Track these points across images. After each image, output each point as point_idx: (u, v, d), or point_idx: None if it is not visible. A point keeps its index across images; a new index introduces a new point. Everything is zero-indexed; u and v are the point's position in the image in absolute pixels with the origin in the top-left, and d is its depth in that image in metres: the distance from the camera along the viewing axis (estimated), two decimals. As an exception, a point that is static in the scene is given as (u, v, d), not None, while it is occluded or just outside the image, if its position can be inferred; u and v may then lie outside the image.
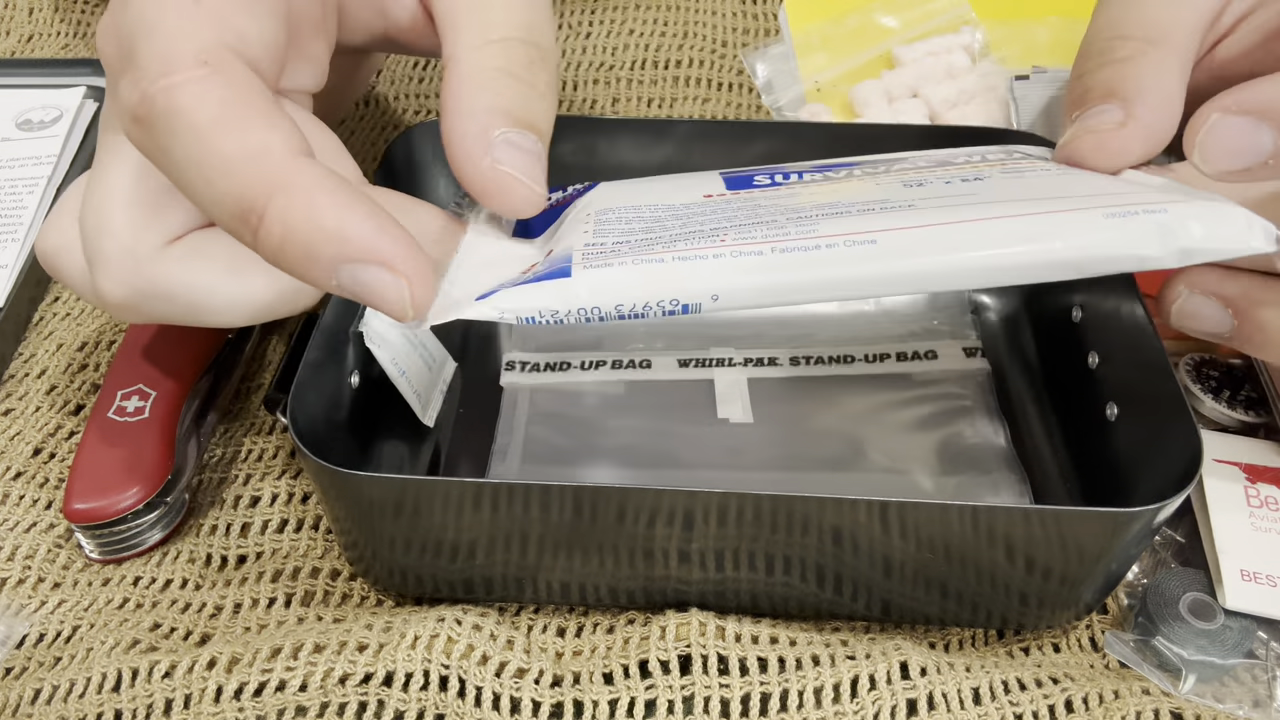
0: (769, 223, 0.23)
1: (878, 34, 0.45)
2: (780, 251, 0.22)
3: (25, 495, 0.34)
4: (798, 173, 0.29)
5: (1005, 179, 0.26)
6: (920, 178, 0.26)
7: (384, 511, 0.27)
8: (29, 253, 0.40)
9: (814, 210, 0.24)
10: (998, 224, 0.22)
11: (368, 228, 0.21)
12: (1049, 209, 0.22)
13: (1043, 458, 0.34)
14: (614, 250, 0.23)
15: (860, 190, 0.26)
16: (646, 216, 0.26)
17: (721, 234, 0.23)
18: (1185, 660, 0.29)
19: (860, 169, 0.29)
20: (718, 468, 0.33)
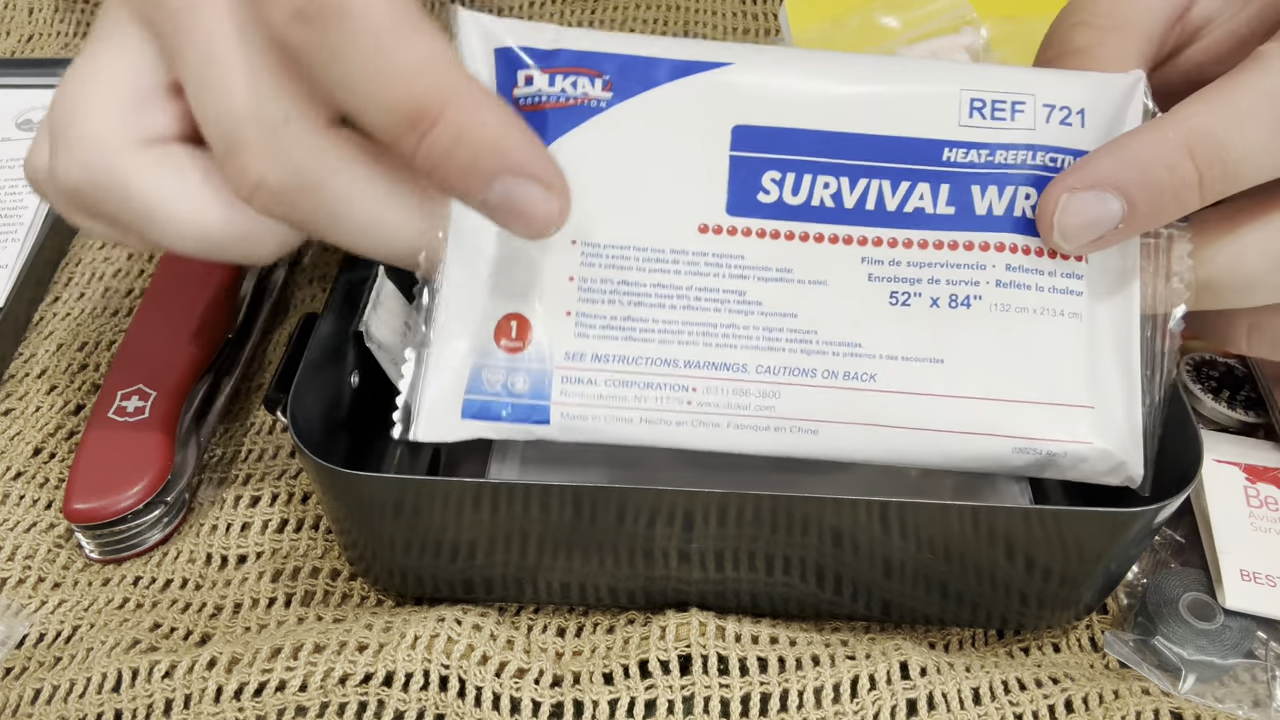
0: (738, 373, 0.26)
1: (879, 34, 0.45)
2: (736, 428, 0.26)
3: (25, 495, 0.34)
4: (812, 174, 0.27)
5: (987, 321, 0.26)
6: (913, 279, 0.26)
7: (384, 511, 0.27)
8: (29, 253, 0.40)
9: (787, 346, 0.26)
10: (921, 437, 0.26)
11: (528, 144, 0.23)
12: (975, 428, 0.26)
13: (1043, 458, 0.34)
14: (589, 381, 0.26)
15: (845, 302, 0.26)
16: (632, 287, 0.26)
17: (690, 388, 0.26)
18: (1185, 660, 0.29)
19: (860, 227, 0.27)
20: (718, 468, 0.33)
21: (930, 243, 0.26)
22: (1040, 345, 0.26)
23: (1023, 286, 0.26)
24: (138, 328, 0.35)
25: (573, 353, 0.26)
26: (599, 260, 0.26)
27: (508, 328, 0.26)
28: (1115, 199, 0.24)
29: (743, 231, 0.26)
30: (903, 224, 0.26)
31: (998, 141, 0.26)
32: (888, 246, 0.26)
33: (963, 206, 0.26)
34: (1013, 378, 0.26)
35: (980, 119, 0.26)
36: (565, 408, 0.26)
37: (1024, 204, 0.26)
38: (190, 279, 0.37)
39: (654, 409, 0.26)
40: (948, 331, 0.26)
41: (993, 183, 0.26)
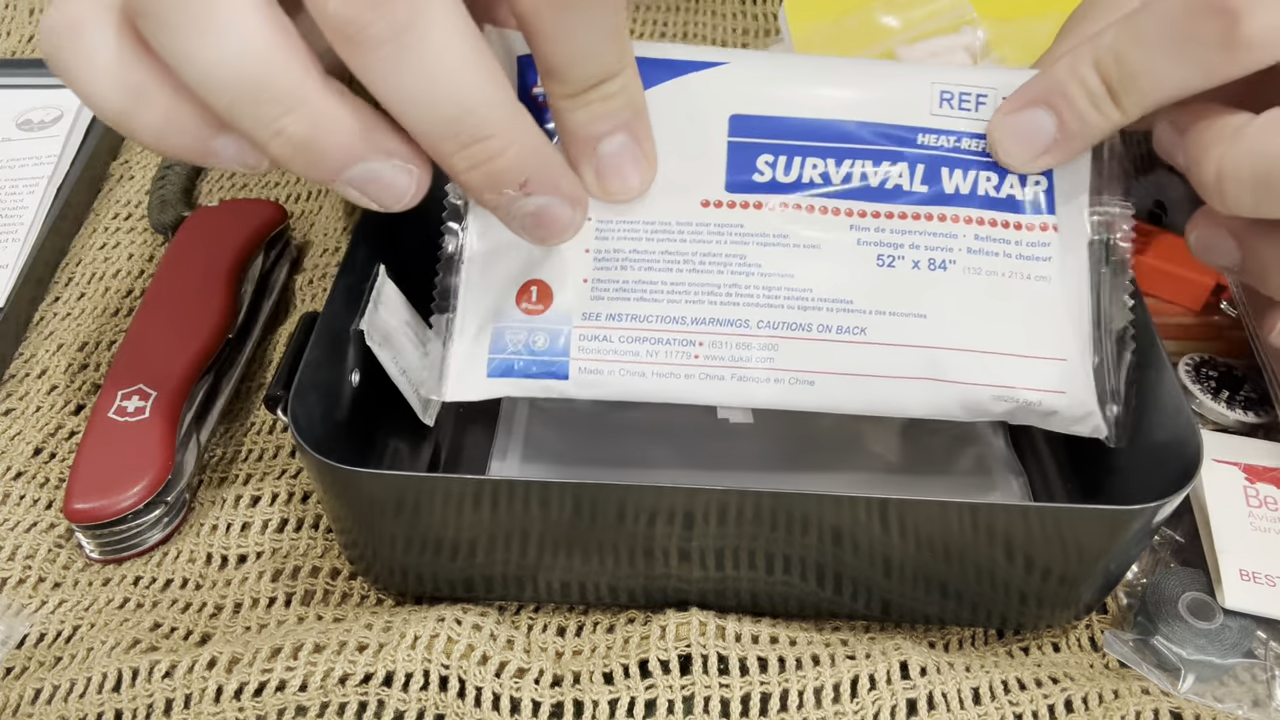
0: (741, 327, 0.28)
1: (879, 34, 0.45)
2: (739, 379, 0.28)
3: (25, 495, 0.34)
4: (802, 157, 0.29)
5: (962, 282, 0.28)
6: (896, 243, 0.28)
7: (384, 509, 0.27)
8: (29, 253, 0.40)
9: (784, 304, 0.28)
10: (908, 385, 0.28)
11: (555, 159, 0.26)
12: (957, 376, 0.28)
13: (1042, 458, 0.34)
14: (604, 338, 0.28)
15: (836, 264, 0.28)
16: (643, 255, 0.28)
17: (697, 342, 0.28)
18: (1184, 660, 0.29)
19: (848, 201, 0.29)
20: (717, 468, 0.33)
21: (909, 214, 0.29)
22: (1013, 304, 0.28)
23: (991, 254, 0.28)
24: (138, 328, 0.35)
25: (589, 313, 0.28)
26: (612, 234, 0.28)
27: (528, 292, 0.28)
28: (1045, 113, 0.27)
29: (741, 205, 0.29)
30: (883, 199, 0.29)
31: (964, 130, 0.29)
32: (872, 217, 0.29)
33: (934, 185, 0.29)
34: (989, 332, 0.28)
35: (949, 109, 0.29)
36: (583, 363, 0.28)
37: (986, 185, 0.29)
38: (190, 279, 0.37)
39: (665, 363, 0.28)
40: (929, 290, 0.28)
41: (959, 166, 0.29)
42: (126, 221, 0.43)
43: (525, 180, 0.24)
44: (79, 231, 0.43)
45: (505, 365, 0.28)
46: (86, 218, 0.44)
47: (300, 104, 0.22)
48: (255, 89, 0.22)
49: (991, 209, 0.29)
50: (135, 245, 0.42)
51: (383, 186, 0.24)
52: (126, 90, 0.23)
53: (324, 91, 0.22)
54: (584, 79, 0.24)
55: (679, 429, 0.34)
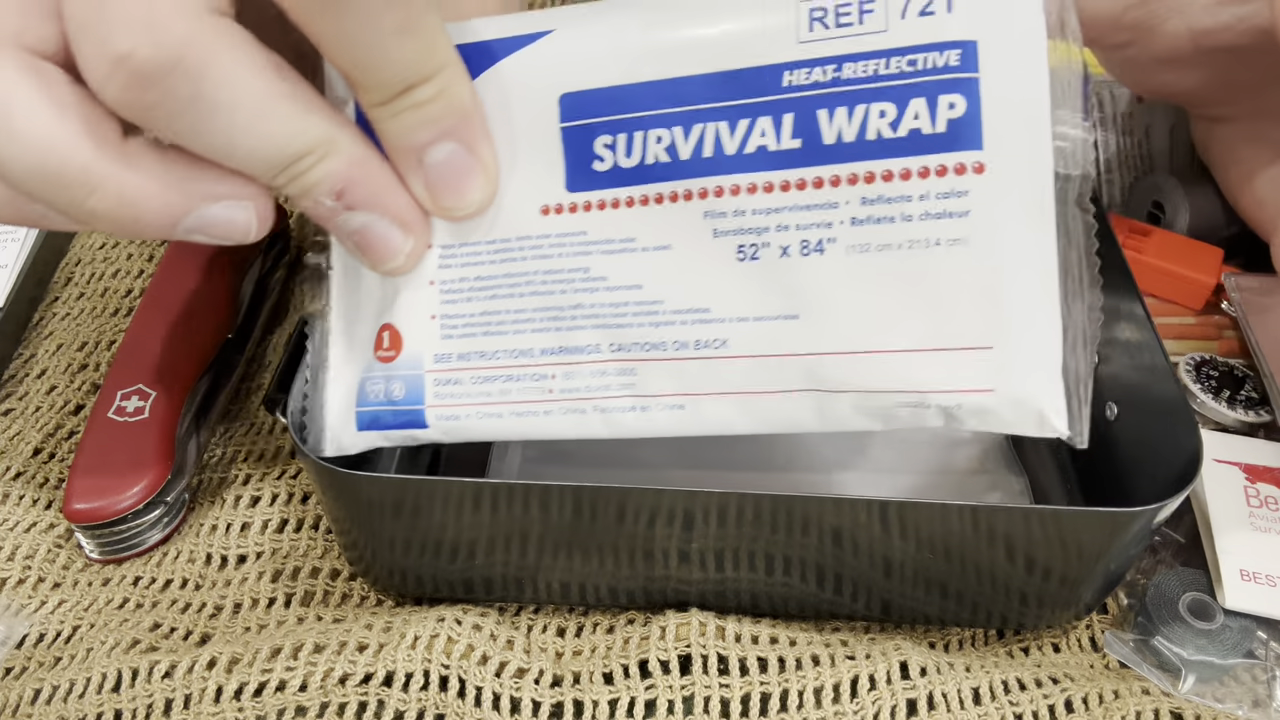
0: (592, 354, 0.26)
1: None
2: (601, 411, 0.26)
3: (25, 495, 0.34)
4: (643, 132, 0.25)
5: (843, 265, 0.24)
6: (760, 228, 0.24)
7: (384, 511, 0.27)
8: (29, 253, 0.40)
9: (634, 323, 0.26)
10: (788, 399, 0.25)
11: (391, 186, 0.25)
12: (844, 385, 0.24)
13: (1043, 458, 0.34)
14: (457, 380, 0.27)
15: (690, 266, 0.25)
16: (486, 281, 0.26)
17: (549, 375, 0.26)
18: (1185, 660, 0.29)
19: (700, 178, 0.25)
20: (717, 468, 0.33)
21: (776, 184, 0.24)
22: (914, 283, 0.23)
23: (884, 220, 0.23)
24: (138, 328, 0.35)
25: (440, 354, 0.27)
26: (454, 261, 0.26)
27: (381, 339, 0.27)
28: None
29: (583, 207, 0.25)
30: (744, 168, 0.24)
31: (844, 53, 0.23)
32: (730, 195, 0.24)
33: (809, 138, 0.24)
34: (883, 325, 0.23)
35: (822, 30, 0.23)
36: (439, 410, 0.27)
37: (879, 123, 0.23)
38: (190, 279, 0.37)
39: (519, 401, 0.26)
40: (802, 282, 0.24)
41: (841, 104, 0.23)
42: None
43: (341, 189, 0.23)
44: (79, 232, 0.43)
45: (371, 418, 0.27)
46: (86, 217, 0.44)
47: (99, 184, 0.22)
48: (53, 179, 0.22)
49: (885, 156, 0.23)
50: (135, 245, 0.42)
51: (221, 227, 0.24)
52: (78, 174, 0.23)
53: (122, 164, 0.22)
54: (388, 85, 0.23)
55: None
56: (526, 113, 0.25)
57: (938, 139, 0.23)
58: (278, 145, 0.22)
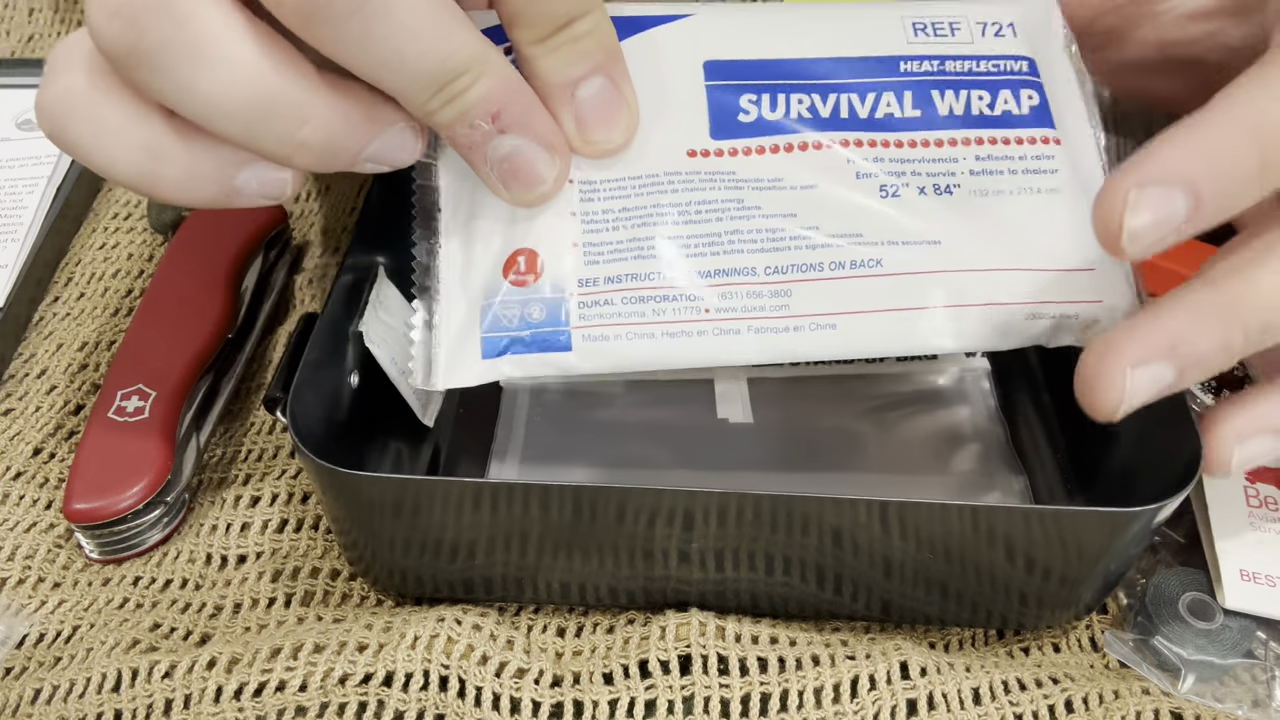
0: (748, 276, 0.26)
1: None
2: (756, 331, 0.26)
3: (25, 495, 0.34)
4: (785, 94, 0.28)
5: (971, 203, 0.27)
6: (897, 172, 0.27)
7: (384, 511, 0.27)
8: (29, 253, 0.40)
9: (790, 246, 0.27)
10: (935, 315, 0.27)
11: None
12: (984, 298, 0.27)
13: (1043, 458, 0.34)
14: (605, 302, 0.26)
15: (839, 199, 0.27)
16: (633, 212, 0.27)
17: (704, 296, 0.26)
18: (1184, 660, 0.29)
19: (841, 131, 0.28)
20: (717, 468, 0.33)
21: (905, 142, 0.28)
22: (1029, 219, 0.27)
23: (995, 173, 0.28)
24: (138, 328, 0.35)
25: (585, 279, 0.26)
26: (597, 195, 0.27)
27: (515, 263, 0.26)
28: (1181, 196, 0.23)
29: (729, 152, 0.27)
30: (876, 128, 0.28)
31: (945, 54, 0.29)
32: (868, 146, 0.28)
33: (926, 109, 0.28)
34: (1009, 250, 0.27)
35: (925, 36, 0.29)
36: (586, 330, 0.26)
37: (979, 104, 0.28)
38: (190, 279, 0.37)
39: (674, 321, 0.26)
40: (938, 216, 0.27)
41: (949, 88, 0.28)
42: (126, 221, 0.43)
43: (497, 111, 0.23)
44: (79, 231, 0.43)
45: (501, 344, 0.26)
46: (86, 218, 0.44)
47: (312, 112, 0.22)
48: (266, 110, 0.22)
49: (989, 127, 0.28)
50: (135, 245, 0.42)
51: (394, 153, 0.24)
52: (141, 150, 0.23)
53: (329, 91, 0.22)
54: (551, 19, 0.23)
55: (679, 429, 0.34)
56: (671, 72, 0.28)
57: (1024, 118, 0.28)
58: (439, 59, 0.22)
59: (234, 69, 0.21)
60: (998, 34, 0.29)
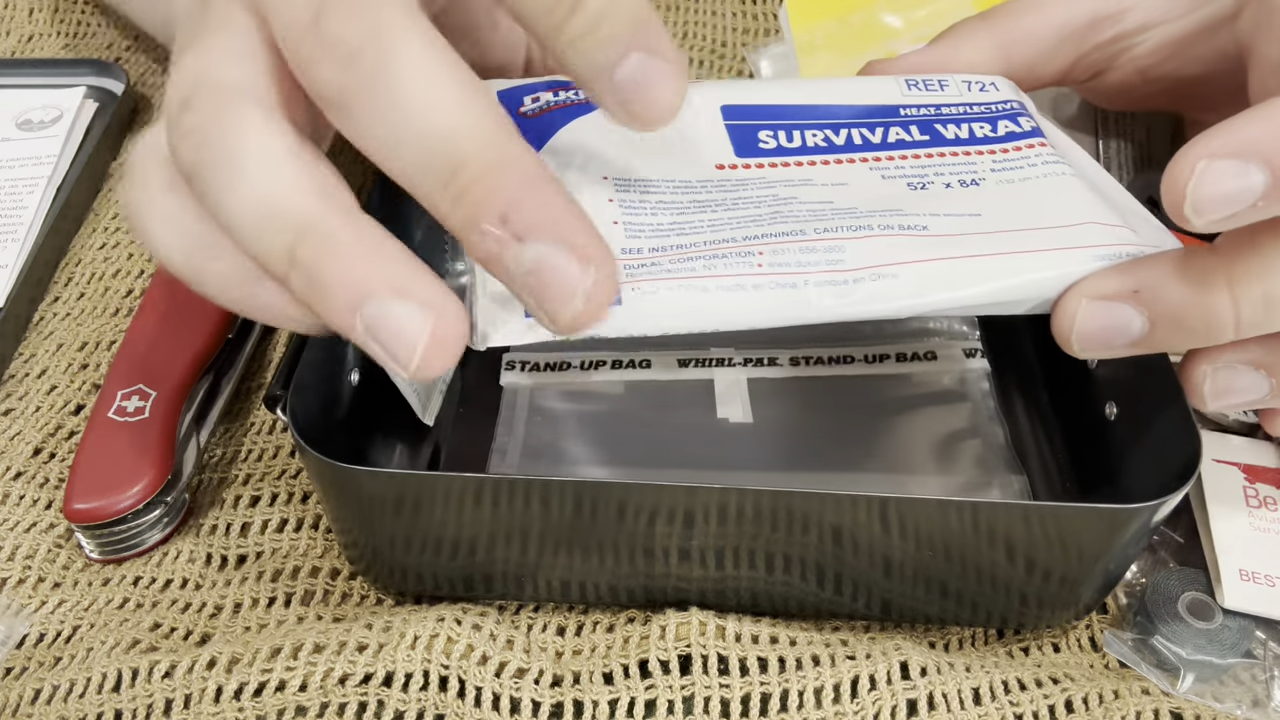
0: (797, 236, 0.25)
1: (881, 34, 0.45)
2: (815, 285, 0.24)
3: (25, 495, 0.34)
4: (799, 129, 0.29)
5: (1000, 190, 0.28)
6: (921, 174, 0.28)
7: (384, 508, 0.27)
8: (29, 253, 0.40)
9: (834, 217, 0.26)
10: (1002, 261, 0.25)
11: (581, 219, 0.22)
12: (1042, 245, 0.26)
13: (1042, 457, 0.34)
14: (653, 264, 0.24)
15: (871, 191, 0.27)
16: (670, 204, 0.26)
17: (756, 252, 0.25)
18: (1184, 660, 0.29)
19: (858, 152, 0.29)
20: (717, 467, 0.33)
21: (922, 155, 0.29)
22: (1056, 194, 0.28)
23: (1015, 168, 0.29)
24: (138, 328, 0.35)
25: (628, 249, 0.25)
26: (633, 189, 0.26)
27: None
28: (1259, 171, 0.22)
29: (756, 165, 0.28)
30: (892, 149, 0.29)
31: (939, 102, 0.31)
32: (887, 160, 0.29)
33: (935, 135, 0.30)
34: (1049, 215, 0.27)
35: (917, 90, 0.31)
36: (634, 284, 0.24)
37: (983, 130, 0.30)
38: (190, 279, 0.37)
39: (727, 274, 0.24)
40: (971, 198, 0.27)
41: (950, 122, 0.30)
42: (126, 221, 0.43)
43: (505, 212, 0.20)
44: (79, 231, 0.43)
45: None
46: (86, 218, 0.44)
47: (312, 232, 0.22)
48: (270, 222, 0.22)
49: (998, 143, 0.29)
50: (135, 245, 0.42)
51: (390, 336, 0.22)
52: (190, 250, 0.24)
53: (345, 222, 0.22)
54: (554, 6, 0.21)
55: (679, 429, 0.34)
56: (690, 116, 0.29)
57: (1029, 134, 0.30)
58: (435, 141, 0.21)
59: (252, 186, 0.22)
60: (983, 89, 0.31)
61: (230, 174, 0.22)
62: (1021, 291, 0.25)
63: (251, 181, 0.22)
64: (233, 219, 0.22)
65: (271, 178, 0.22)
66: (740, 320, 0.24)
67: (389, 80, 0.21)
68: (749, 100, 0.30)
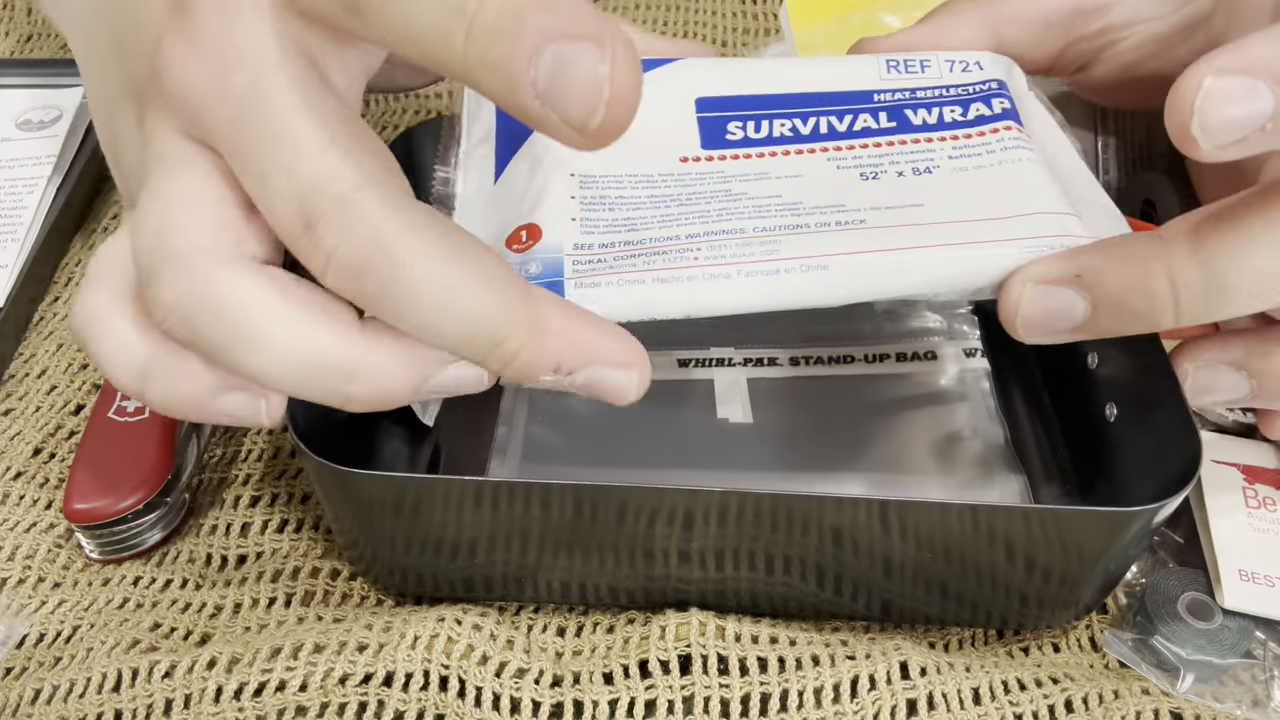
0: (736, 235, 0.27)
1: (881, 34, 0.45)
2: (746, 275, 0.26)
3: (25, 495, 0.34)
4: (769, 119, 0.31)
5: (952, 178, 0.28)
6: (876, 163, 0.29)
7: (384, 510, 0.27)
8: (29, 252, 0.40)
9: (778, 214, 0.28)
10: (929, 253, 0.26)
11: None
12: (978, 237, 0.26)
13: (1043, 458, 0.34)
14: (599, 260, 0.27)
15: (821, 182, 0.29)
16: (628, 199, 0.28)
17: (695, 249, 0.27)
18: (1184, 660, 0.29)
19: (820, 141, 0.30)
20: (717, 468, 0.33)
21: (883, 143, 0.30)
22: (1008, 182, 0.28)
23: (974, 154, 0.29)
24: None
25: (581, 244, 0.27)
26: (595, 184, 0.29)
27: (518, 236, 0.28)
28: (1269, 92, 0.21)
29: (719, 157, 0.30)
30: (855, 137, 0.30)
31: (916, 86, 0.31)
32: (847, 150, 0.30)
33: (902, 122, 0.30)
34: (994, 204, 0.27)
35: (897, 72, 0.31)
36: (579, 279, 0.26)
37: (952, 114, 0.30)
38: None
39: (664, 268, 0.26)
40: (920, 187, 0.28)
41: (921, 106, 0.31)
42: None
43: (556, 365, 0.23)
44: (79, 231, 0.43)
45: None
46: (86, 218, 0.44)
47: (355, 369, 0.22)
48: (312, 374, 0.22)
49: (963, 128, 0.30)
50: (135, 245, 0.42)
51: (457, 385, 0.24)
52: (137, 370, 0.24)
53: (376, 344, 0.22)
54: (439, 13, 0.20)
55: (679, 429, 0.34)
56: (663, 107, 0.30)
57: (998, 117, 0.30)
58: (472, 328, 0.22)
59: (276, 347, 0.22)
60: (965, 69, 0.32)
61: (244, 344, 0.22)
62: (950, 283, 0.26)
63: (271, 349, 0.22)
64: (265, 378, 0.23)
65: (294, 335, 0.22)
66: (673, 310, 0.26)
67: (406, 291, 0.21)
68: (725, 90, 0.31)
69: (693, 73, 0.32)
